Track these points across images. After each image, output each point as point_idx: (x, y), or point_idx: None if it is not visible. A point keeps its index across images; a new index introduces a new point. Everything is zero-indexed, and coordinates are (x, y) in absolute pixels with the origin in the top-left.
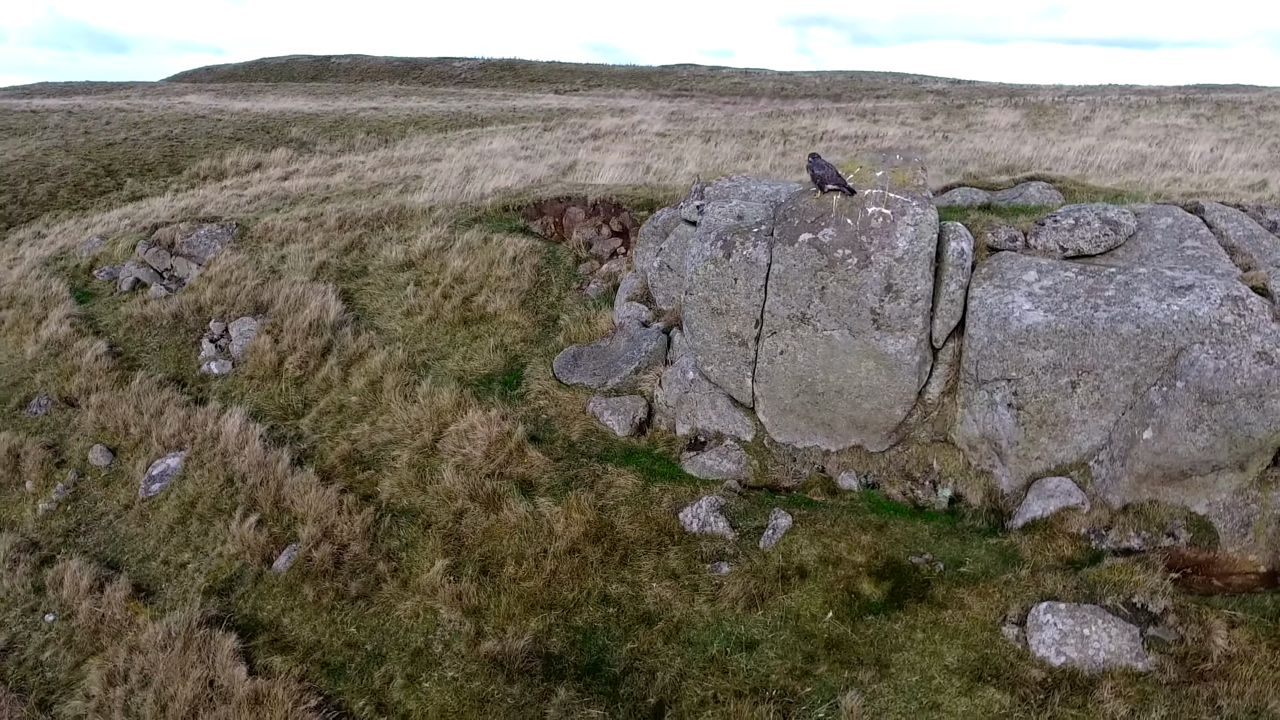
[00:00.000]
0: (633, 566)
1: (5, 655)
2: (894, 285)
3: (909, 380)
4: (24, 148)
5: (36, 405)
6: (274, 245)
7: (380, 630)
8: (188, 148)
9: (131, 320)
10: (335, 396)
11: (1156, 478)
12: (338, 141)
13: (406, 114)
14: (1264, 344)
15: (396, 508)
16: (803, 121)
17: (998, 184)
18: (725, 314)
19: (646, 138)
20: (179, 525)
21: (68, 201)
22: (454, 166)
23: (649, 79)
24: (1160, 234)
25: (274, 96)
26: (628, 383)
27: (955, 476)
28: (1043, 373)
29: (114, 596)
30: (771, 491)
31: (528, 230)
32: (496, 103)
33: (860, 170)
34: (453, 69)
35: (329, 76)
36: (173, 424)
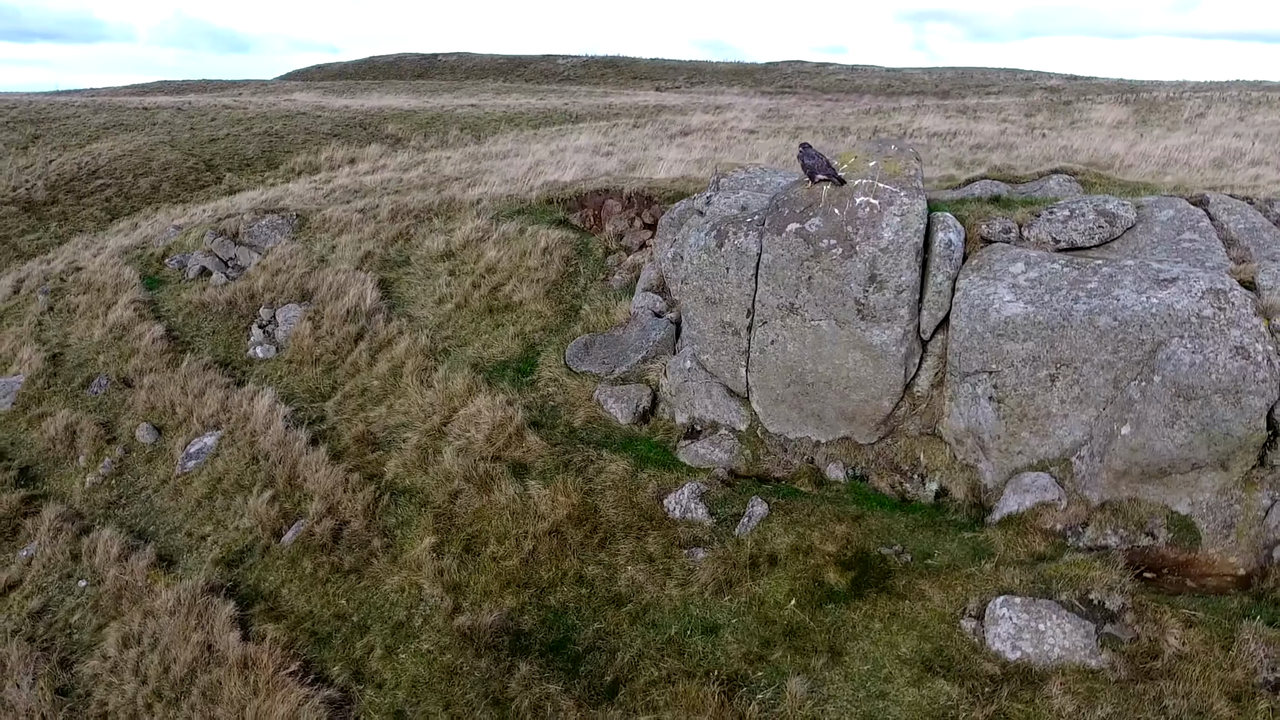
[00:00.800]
0: (611, 549)
1: (39, 617)
2: (878, 276)
3: (895, 372)
4: (132, 143)
5: (97, 385)
6: (329, 235)
7: (368, 603)
8: (286, 143)
9: (190, 306)
10: (360, 380)
11: (1135, 475)
12: (432, 138)
13: (503, 111)
14: (1243, 338)
15: (398, 487)
16: (898, 118)
17: (1021, 177)
18: (719, 303)
19: (733, 134)
20: (206, 500)
21: (169, 195)
22: (526, 161)
23: (752, 76)
24: (1159, 226)
25: (378, 94)
26: (634, 371)
27: (941, 470)
28: (1022, 365)
29: (137, 565)
30: (761, 481)
31: (566, 222)
32: (595, 100)
33: (854, 160)
34: (556, 66)
35: (435, 74)
36: (212, 404)
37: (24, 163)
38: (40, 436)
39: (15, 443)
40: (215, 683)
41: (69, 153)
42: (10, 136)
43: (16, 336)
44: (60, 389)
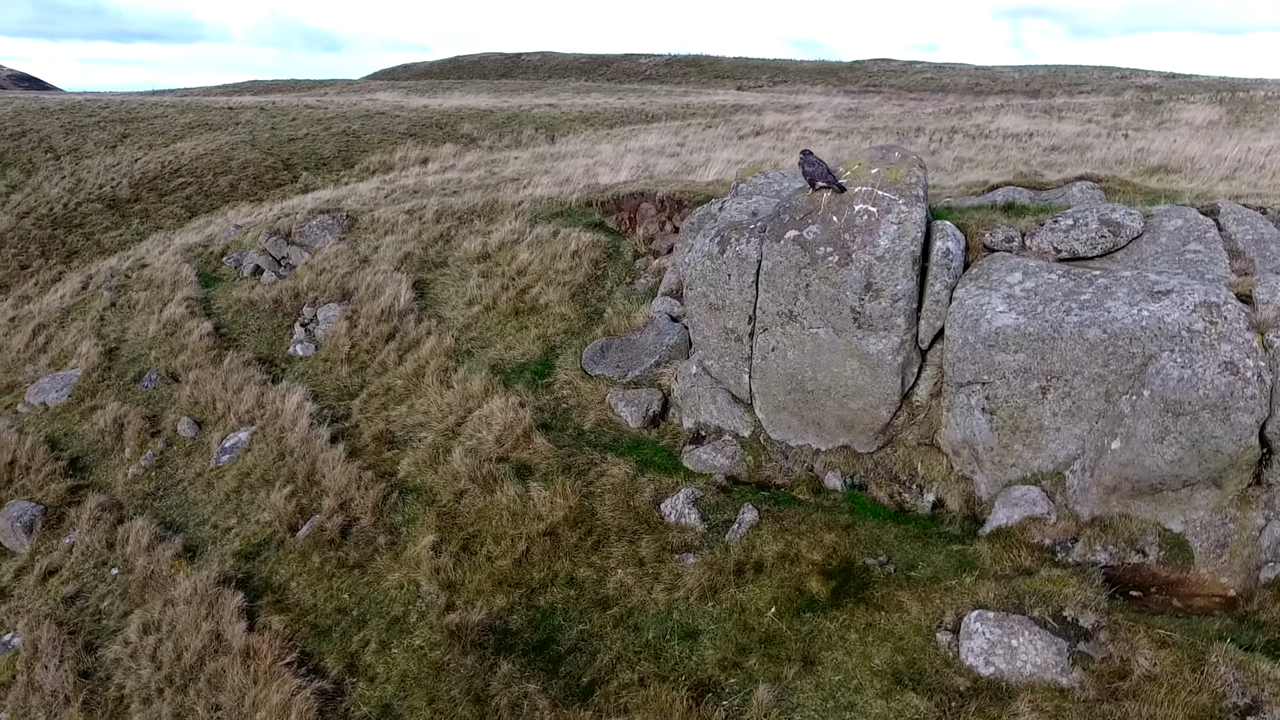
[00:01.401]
0: (604, 552)
1: (72, 602)
2: (874, 284)
3: (892, 381)
4: (215, 142)
5: (148, 379)
6: (375, 236)
7: (368, 598)
8: (362, 143)
9: (239, 303)
10: (385, 380)
11: (1126, 491)
12: (506, 137)
13: (579, 111)
14: (1233, 354)
15: (408, 485)
16: (978, 119)
17: (1046, 183)
18: (721, 309)
19: (803, 135)
20: (234, 493)
21: (246, 193)
22: (585, 162)
23: (837, 75)
24: (1166, 236)
25: (459, 93)
26: (647, 376)
27: (938, 481)
28: (1013, 377)
29: (163, 555)
30: (761, 488)
31: (602, 225)
32: (673, 99)
33: (858, 168)
34: (638, 65)
35: (518, 73)
36: (248, 400)
37: (111, 161)
38: (91, 428)
39: (68, 434)
40: (220, 670)
41: (154, 151)
42: (101, 136)
43: (79, 331)
44: (113, 383)
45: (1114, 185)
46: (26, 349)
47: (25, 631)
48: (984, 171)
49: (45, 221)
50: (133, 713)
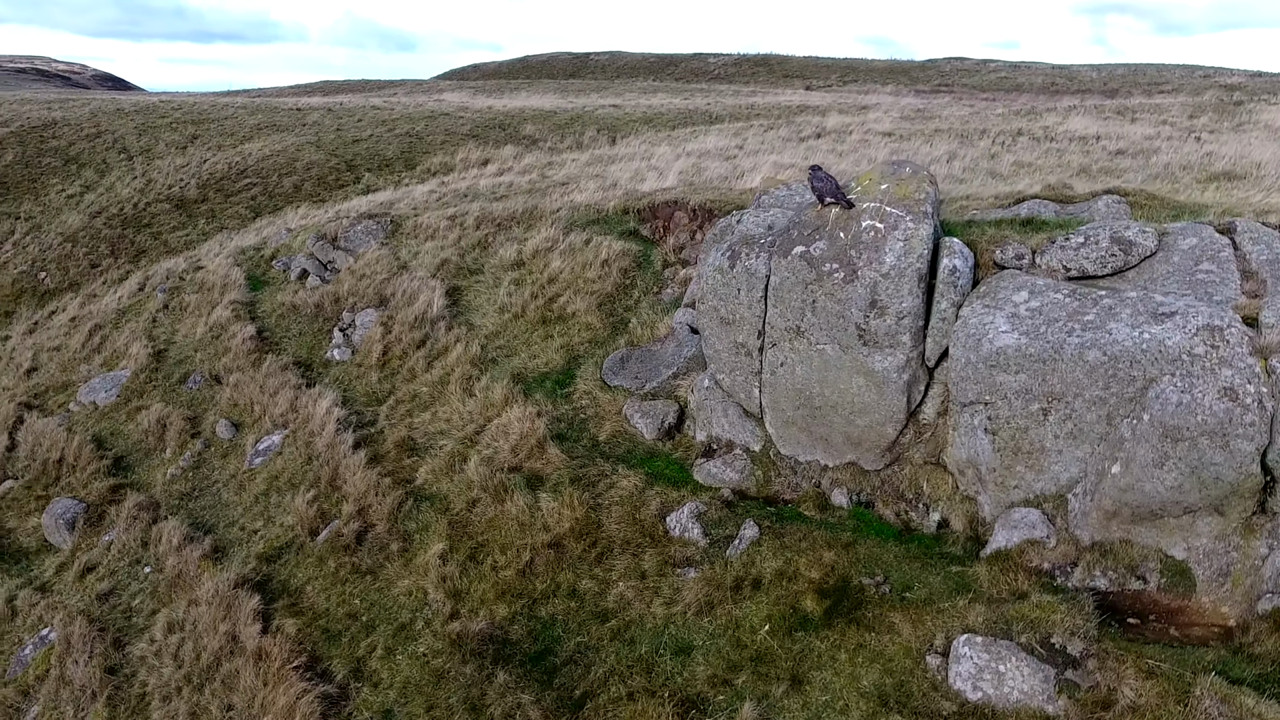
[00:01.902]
0: (607, 564)
1: (105, 599)
2: (879, 301)
3: (897, 399)
4: (281, 143)
5: (192, 381)
6: (417, 241)
7: (378, 604)
8: (425, 144)
9: (283, 307)
10: (413, 386)
11: (1126, 516)
12: (568, 139)
13: (643, 112)
14: (1233, 379)
15: (425, 493)
16: (1047, 120)
17: (1073, 196)
18: (732, 324)
19: (865, 137)
20: (263, 496)
21: (310, 194)
22: (636, 166)
23: (908, 74)
24: (1179, 255)
25: (526, 94)
26: (665, 387)
27: (944, 500)
28: (1015, 398)
29: (191, 555)
30: (768, 503)
31: (636, 233)
32: (739, 100)
33: (869, 183)
34: (706, 65)
35: (586, 73)
36: (283, 404)
37: (181, 161)
38: (136, 428)
39: (114, 433)
40: (235, 671)
41: (222, 152)
42: (172, 137)
43: (132, 332)
44: (160, 384)
45: (1141, 200)
46: (83, 349)
47: (60, 627)
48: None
49: (115, 221)
50: (153, 710)
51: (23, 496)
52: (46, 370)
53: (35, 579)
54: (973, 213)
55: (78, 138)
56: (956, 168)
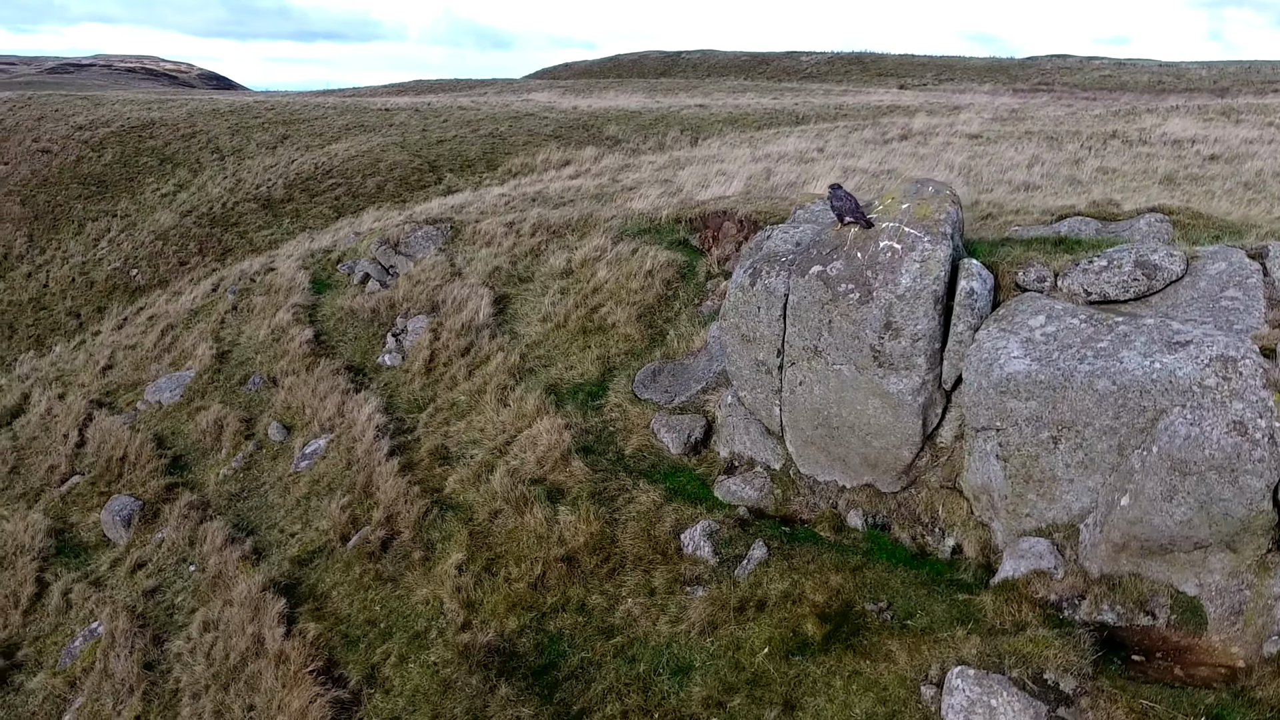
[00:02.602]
0: (617, 580)
1: (151, 595)
2: (893, 323)
3: (913, 422)
4: (366, 143)
5: (252, 383)
6: (474, 248)
7: (397, 611)
8: (507, 144)
9: (342, 311)
10: (452, 395)
11: (1135, 549)
12: (650, 140)
13: (728, 112)
14: (1244, 413)
15: (451, 502)
16: (1145, 121)
17: (1117, 214)
18: (753, 341)
19: (949, 139)
20: (303, 499)
21: (392, 195)
22: (705, 171)
23: (1007, 72)
24: (1206, 280)
25: (614, 93)
26: (693, 402)
27: (958, 526)
28: (1025, 425)
29: (231, 556)
30: (784, 522)
31: (686, 243)
32: (828, 99)
33: (891, 202)
34: (799, 63)
35: (677, 72)
36: (330, 408)
37: (270, 162)
38: (195, 428)
39: (175, 432)
40: (257, 673)
41: (310, 153)
42: (263, 137)
43: (200, 333)
44: (221, 384)
45: (1185, 218)
46: (155, 348)
47: (107, 621)
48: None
49: (205, 220)
50: (183, 706)
51: (87, 492)
52: (121, 368)
53: (91, 573)
54: (1014, 229)
55: (174, 137)
56: (1035, 174)
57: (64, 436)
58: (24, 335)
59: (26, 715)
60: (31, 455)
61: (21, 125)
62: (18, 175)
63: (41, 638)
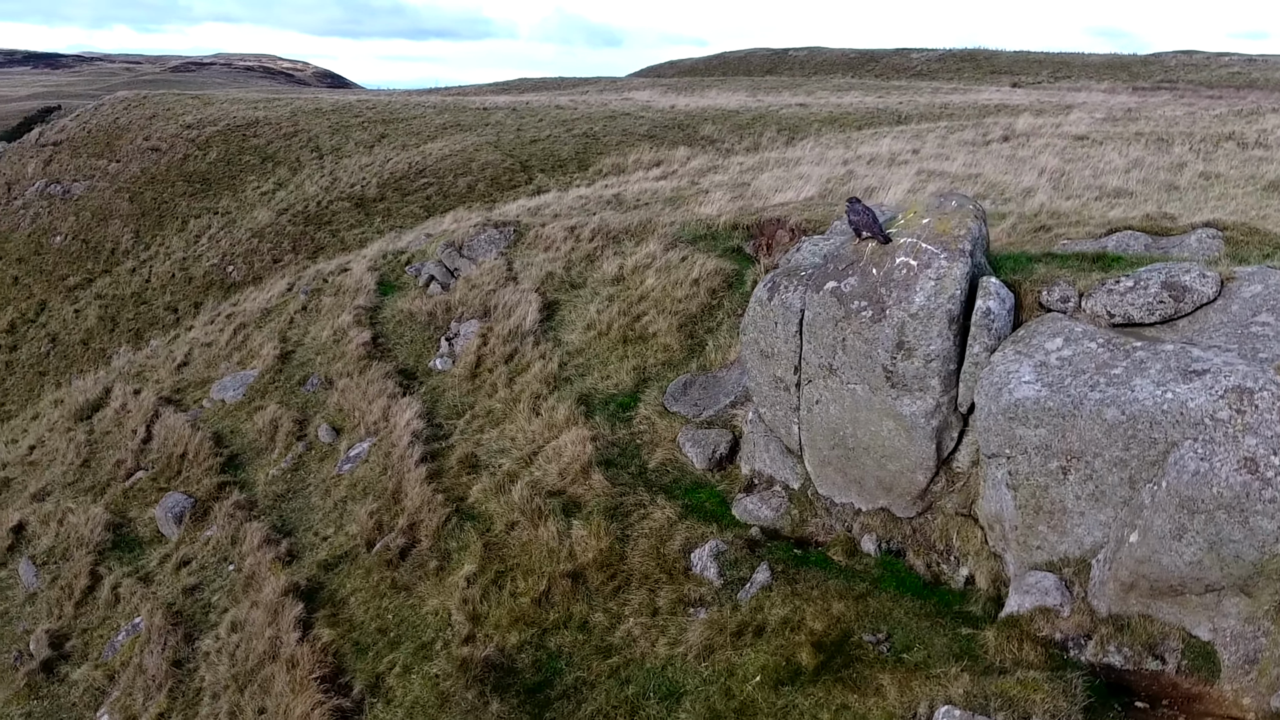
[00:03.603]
0: (622, 599)
1: (190, 593)
2: (906, 343)
3: (926, 446)
4: (461, 143)
5: (310, 384)
6: (533, 252)
7: (407, 621)
8: (600, 144)
9: (401, 314)
10: (490, 402)
11: (1144, 589)
12: (746, 140)
13: (829, 111)
14: (1257, 449)
15: (472, 512)
16: (1267, 122)
17: (1170, 229)
18: (770, 357)
19: (1050, 141)
20: (341, 503)
21: (482, 194)
22: (784, 175)
23: (1128, 69)
24: (1239, 304)
25: (716, 91)
26: (721, 416)
27: (971, 555)
28: (1034, 453)
29: (265, 557)
30: (799, 544)
31: (739, 250)
32: (935, 97)
33: (912, 216)
34: (909, 61)
35: (783, 69)
36: (376, 412)
37: (366, 160)
38: (251, 427)
39: (234, 431)
40: (271, 676)
41: (405, 152)
42: (361, 136)
43: (269, 332)
44: (282, 384)
45: (1239, 234)
46: (226, 346)
47: (146, 617)
48: (1207, 194)
49: (299, 218)
50: (203, 705)
51: (148, 488)
52: (194, 365)
53: (141, 568)
54: (1063, 243)
55: (276, 136)
56: (1132, 179)
57: (132, 432)
58: (124, 329)
59: (67, 705)
60: (104, 449)
61: (134, 124)
62: (128, 173)
63: (90, 630)
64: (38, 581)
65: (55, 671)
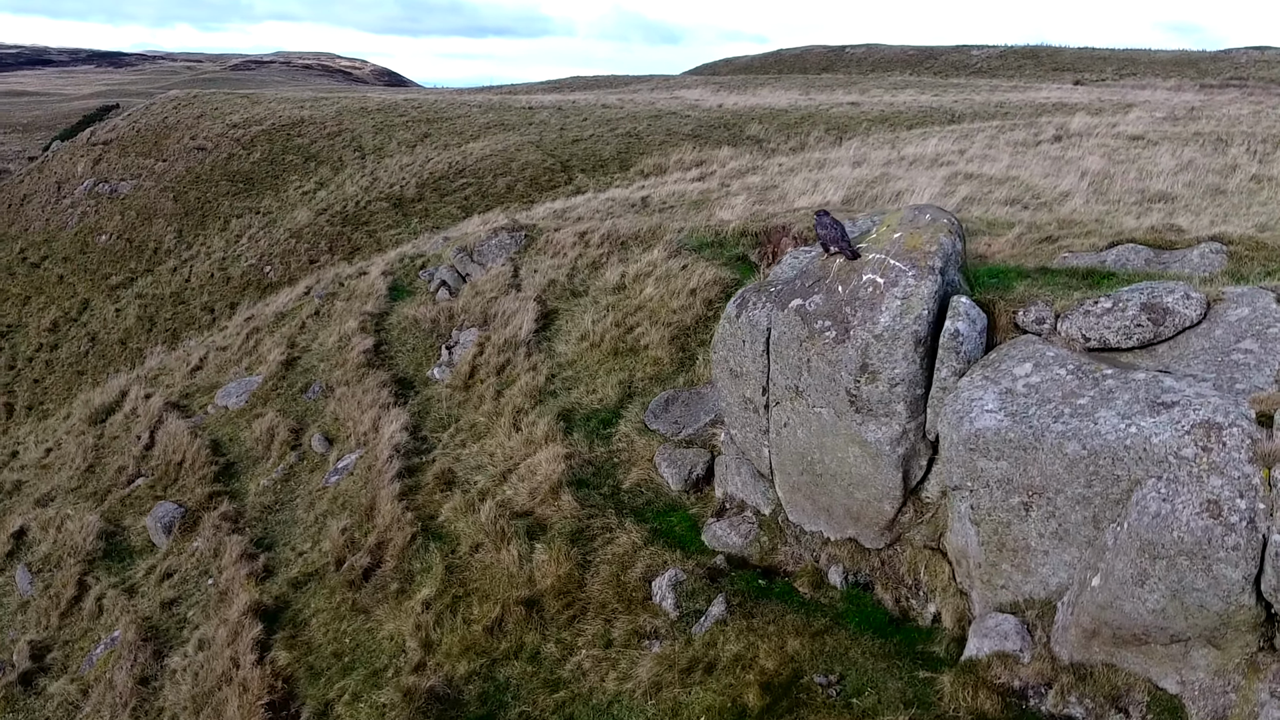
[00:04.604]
0: (576, 629)
1: (168, 607)
2: (870, 365)
3: (892, 474)
4: (503, 143)
5: (311, 391)
6: (542, 258)
7: (363, 645)
8: (643, 144)
9: (406, 321)
10: (475, 415)
11: (1107, 636)
12: (792, 139)
13: (880, 110)
14: (1221, 490)
15: (439, 532)
16: None
17: (1175, 242)
18: (740, 377)
19: (1105, 141)
20: (322, 517)
21: (521, 195)
22: (816, 176)
23: (1196, 66)
24: (1223, 328)
25: (768, 90)
26: (700, 435)
27: (939, 591)
28: (996, 487)
29: (239, 573)
30: (767, 574)
31: (745, 259)
32: (991, 96)
33: (885, 230)
34: (969, 58)
35: (840, 67)
36: (367, 423)
37: (407, 160)
38: (249, 435)
39: (232, 439)
40: (224, 700)
41: (447, 151)
42: (404, 136)
43: (279, 337)
44: (284, 391)
45: (1244, 249)
46: (239, 350)
47: (123, 631)
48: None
49: (338, 218)
50: None
51: (144, 495)
52: (207, 370)
53: (128, 579)
54: (1063, 256)
55: (320, 135)
56: (1178, 183)
57: (137, 438)
58: (161, 329)
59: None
60: (109, 454)
61: (182, 123)
62: (173, 172)
63: (72, 642)
64: (31, 589)
65: (33, 684)
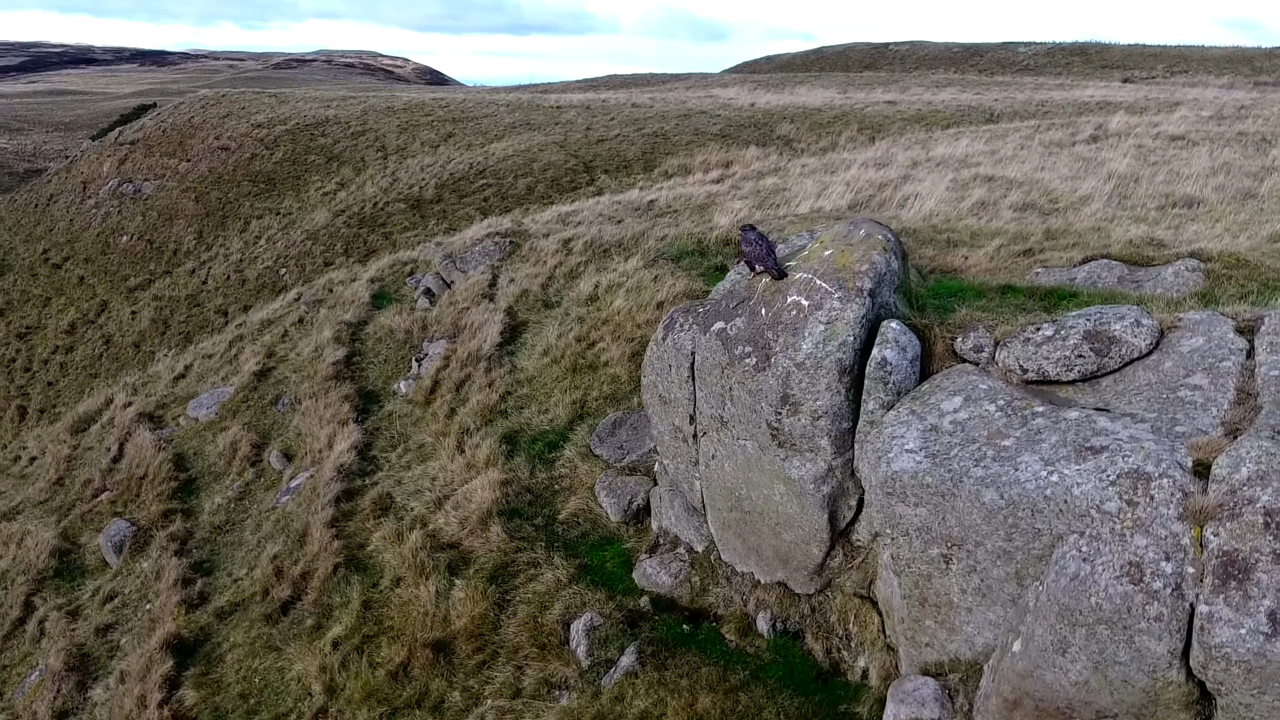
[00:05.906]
0: (485, 675)
1: (103, 633)
2: (791, 396)
3: (818, 515)
4: (526, 143)
5: (281, 403)
6: (522, 266)
7: (270, 687)
8: (669, 144)
9: (381, 331)
10: (424, 435)
11: (1029, 709)
12: (823, 139)
13: (917, 109)
14: (1145, 552)
15: (366, 563)
16: None
17: (1153, 258)
18: (669, 404)
19: (1142, 142)
20: (263, 540)
21: (541, 196)
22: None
23: (1250, 63)
24: (1173, 360)
25: (805, 88)
26: (645, 462)
27: (868, 644)
28: (915, 536)
29: (170, 600)
30: (695, 617)
31: (724, 269)
32: (1035, 94)
33: (818, 246)
34: (1015, 55)
35: (883, 65)
36: (323, 439)
37: (429, 161)
38: (213, 449)
39: (197, 453)
40: None
41: (469, 152)
42: (428, 135)
43: (259, 346)
44: (254, 403)
45: (1222, 267)
46: (221, 358)
47: (54, 658)
48: None
49: (355, 220)
50: None
51: (105, 511)
52: (189, 378)
53: (74, 600)
54: (1036, 271)
55: (343, 135)
56: (1209, 186)
57: (106, 450)
58: (175, 331)
59: None
60: (80, 466)
61: (208, 123)
62: (196, 172)
63: (10, 667)
64: None
65: None
